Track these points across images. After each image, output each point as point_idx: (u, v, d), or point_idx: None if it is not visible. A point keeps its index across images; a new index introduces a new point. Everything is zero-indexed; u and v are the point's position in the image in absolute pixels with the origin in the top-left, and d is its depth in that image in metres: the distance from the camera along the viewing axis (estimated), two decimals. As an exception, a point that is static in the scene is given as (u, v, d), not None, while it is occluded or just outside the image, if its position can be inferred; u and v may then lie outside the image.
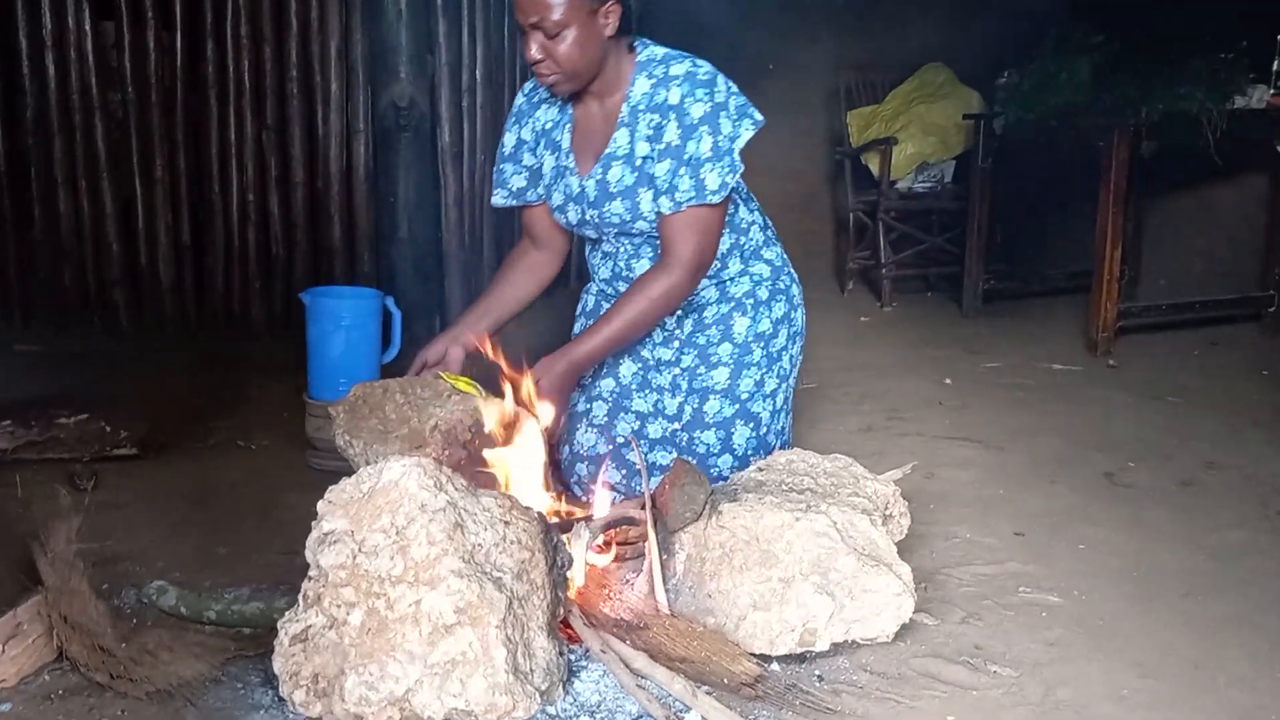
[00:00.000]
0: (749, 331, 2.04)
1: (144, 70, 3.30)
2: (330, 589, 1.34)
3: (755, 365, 2.04)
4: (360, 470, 1.45)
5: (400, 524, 1.37)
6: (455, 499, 1.41)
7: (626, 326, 1.87)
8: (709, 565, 1.65)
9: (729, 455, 2.02)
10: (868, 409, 2.90)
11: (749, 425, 2.02)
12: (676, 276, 1.88)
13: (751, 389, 2.03)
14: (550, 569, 1.45)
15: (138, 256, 3.40)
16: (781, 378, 2.08)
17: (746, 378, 2.03)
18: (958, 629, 1.72)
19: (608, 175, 1.92)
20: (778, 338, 2.07)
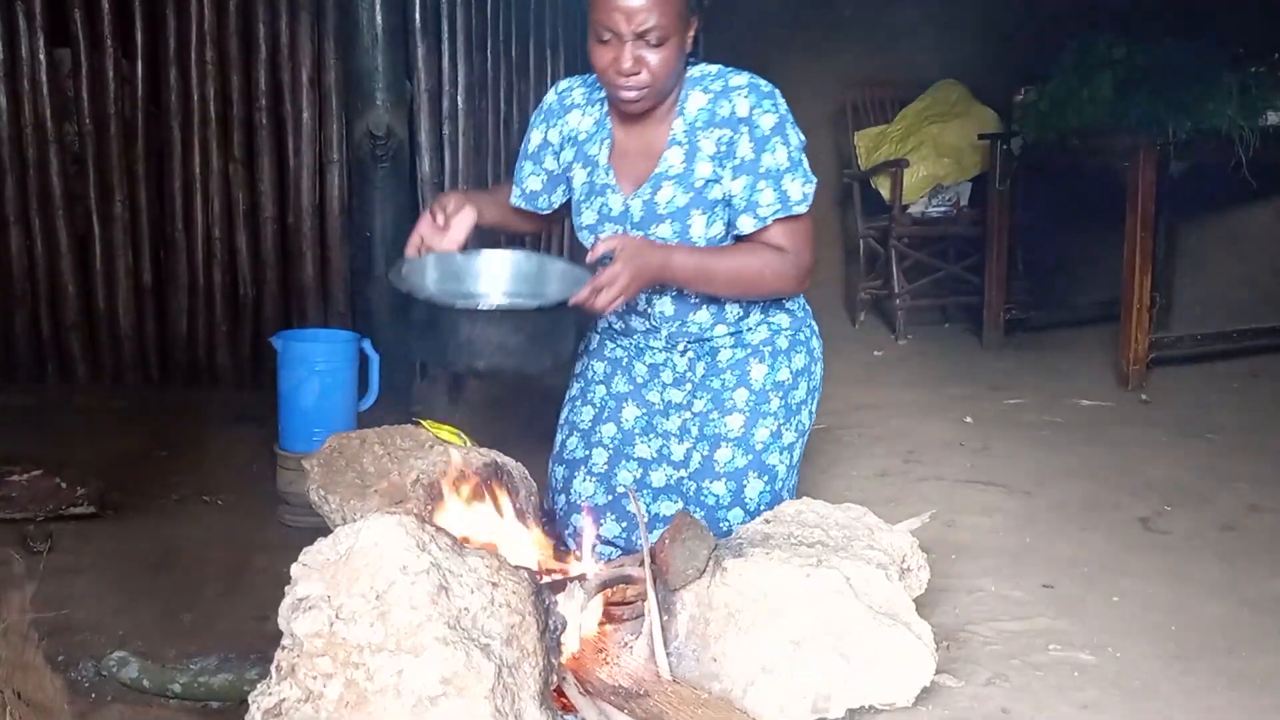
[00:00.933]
0: (767, 379, 2.06)
1: (102, 100, 3.34)
2: (305, 659, 1.35)
3: (772, 415, 2.05)
4: (337, 529, 1.46)
5: (380, 588, 1.38)
6: (439, 559, 1.42)
7: (728, 270, 1.88)
8: (713, 626, 1.66)
9: (740, 509, 2.02)
10: (882, 452, 2.90)
11: (763, 479, 2.03)
12: (791, 266, 1.90)
13: (768, 440, 2.05)
14: (542, 633, 1.45)
15: (95, 299, 3.41)
16: (799, 433, 2.09)
17: (762, 427, 2.04)
18: (983, 691, 1.72)
19: (656, 196, 1.93)
20: (797, 389, 2.08)
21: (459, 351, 1.69)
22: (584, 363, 2.18)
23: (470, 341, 1.68)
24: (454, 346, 1.68)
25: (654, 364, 2.12)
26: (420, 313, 1.71)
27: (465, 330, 1.67)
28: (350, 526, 1.45)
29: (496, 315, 1.70)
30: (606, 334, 2.15)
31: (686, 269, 1.85)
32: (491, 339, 1.67)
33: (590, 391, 2.14)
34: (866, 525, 1.82)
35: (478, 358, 1.68)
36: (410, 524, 1.43)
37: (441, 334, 1.68)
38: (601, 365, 2.16)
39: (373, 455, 1.89)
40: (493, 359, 1.68)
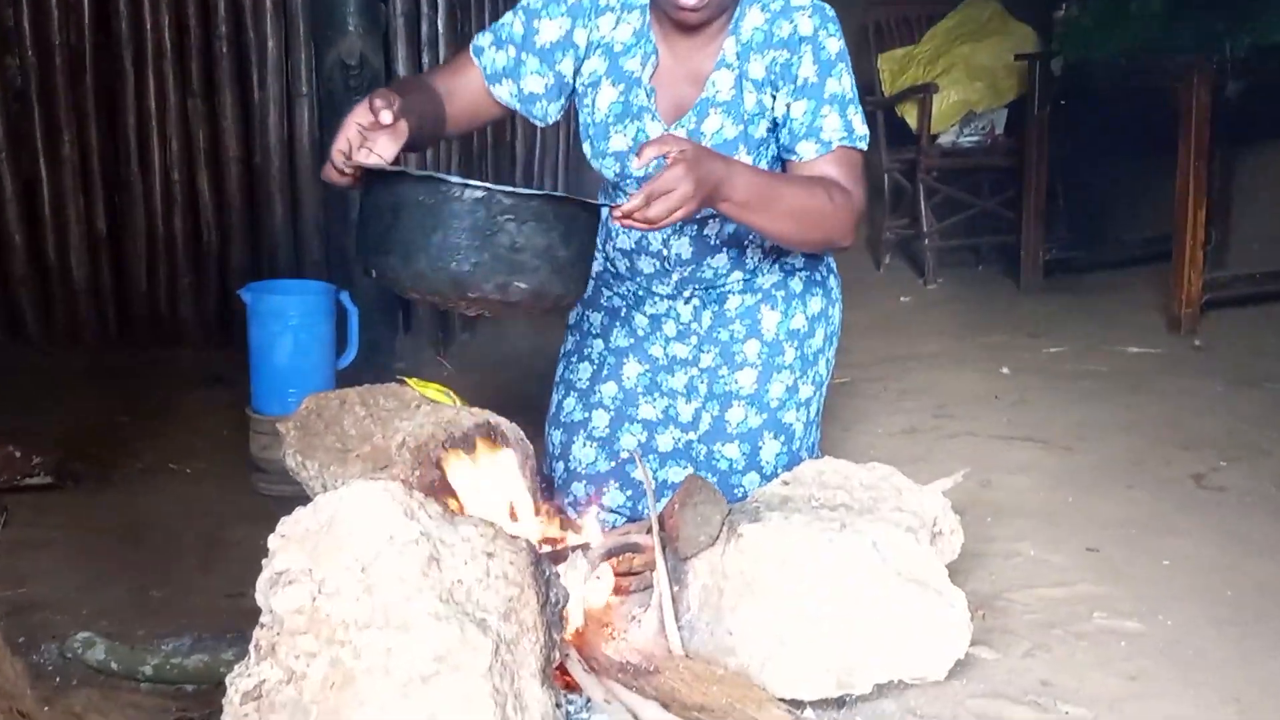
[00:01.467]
0: (780, 328, 2.05)
1: (46, 31, 3.30)
2: (286, 637, 1.35)
3: (788, 368, 2.05)
4: (316, 497, 1.46)
5: (366, 559, 1.38)
6: (429, 528, 1.43)
7: (792, 201, 1.77)
8: (728, 597, 1.67)
9: (755, 473, 2.03)
10: (910, 407, 2.91)
11: (779, 439, 2.03)
12: (852, 211, 1.81)
13: (783, 396, 2.04)
14: (543, 607, 1.46)
15: (44, 250, 3.40)
16: (817, 385, 2.09)
17: (777, 382, 2.04)
18: (1022, 663, 1.73)
19: (703, 125, 1.89)
20: (813, 338, 2.08)
21: (447, 257, 1.49)
22: (579, 313, 2.16)
23: (469, 241, 1.48)
24: (442, 249, 1.48)
25: (655, 314, 2.11)
26: (387, 202, 1.51)
27: (465, 220, 1.48)
28: (331, 494, 1.45)
29: (519, 202, 1.48)
30: (603, 279, 2.13)
31: (749, 190, 1.70)
32: (502, 240, 1.48)
33: (587, 346, 2.13)
34: (894, 486, 1.82)
35: (479, 268, 1.49)
36: (397, 490, 1.43)
37: (423, 231, 1.48)
38: (599, 316, 2.14)
39: (354, 417, 1.89)
40: (499, 271, 1.49)
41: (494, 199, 1.47)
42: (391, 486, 1.43)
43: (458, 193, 1.47)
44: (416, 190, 1.49)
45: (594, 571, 1.72)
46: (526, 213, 1.49)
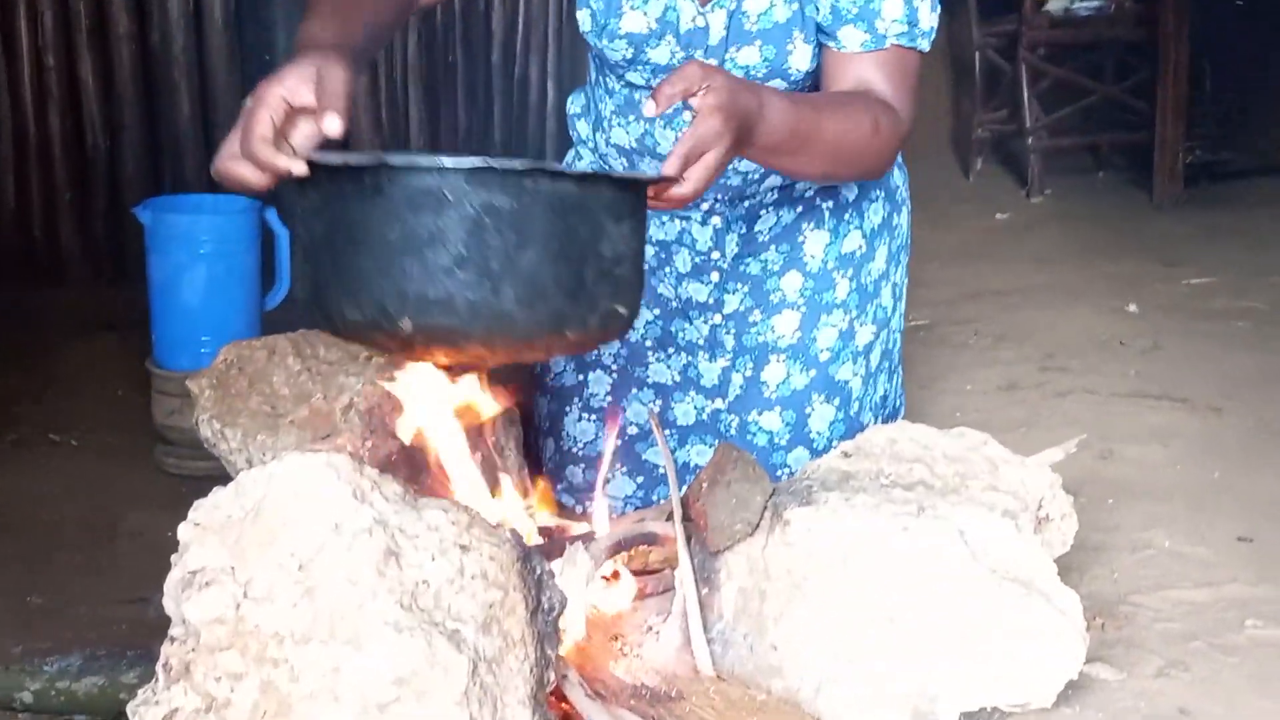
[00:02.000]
0: (828, 253, 2.06)
1: None
2: (204, 655, 1.36)
3: (840, 306, 2.06)
4: (240, 475, 1.46)
5: (304, 555, 1.39)
6: (386, 514, 1.43)
7: (832, 134, 1.76)
8: (772, 602, 1.68)
9: (803, 448, 2.05)
10: (1009, 357, 2.91)
11: (833, 401, 2.05)
12: (897, 135, 1.82)
13: (835, 345, 2.05)
14: (533, 615, 1.47)
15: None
16: (881, 323, 2.10)
17: (827, 327, 2.05)
18: (1153, 685, 1.74)
19: (744, 6, 1.91)
20: (873, 261, 2.08)
21: (416, 272, 1.40)
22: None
23: (448, 240, 1.39)
24: (409, 263, 1.41)
25: (664, 240, 2.11)
26: (333, 198, 1.44)
27: (446, 214, 1.39)
28: (259, 471, 1.45)
29: (526, 180, 1.39)
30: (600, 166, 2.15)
31: (781, 130, 1.69)
32: (492, 241, 1.38)
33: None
34: (988, 458, 1.82)
35: (462, 283, 1.40)
36: (343, 465, 1.44)
37: (385, 242, 1.41)
38: None
39: (286, 372, 1.90)
40: (495, 284, 1.41)
41: (483, 173, 1.40)
42: (337, 460, 1.44)
43: (406, 181, 1.41)
44: (343, 184, 1.43)
45: (599, 569, 1.73)
46: (531, 189, 1.42)
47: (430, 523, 1.46)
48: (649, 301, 2.10)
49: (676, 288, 2.10)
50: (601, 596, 1.76)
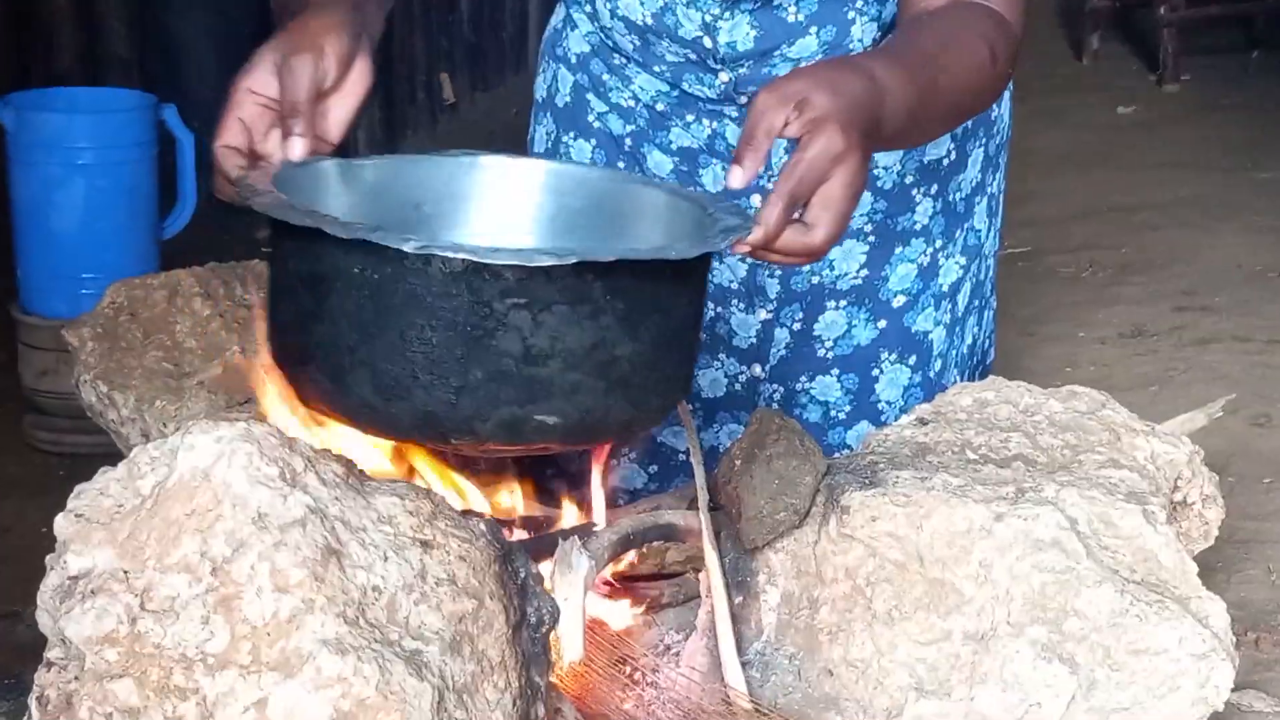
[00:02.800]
0: (906, 163, 2.07)
1: None
2: (90, 684, 1.37)
3: (919, 234, 2.08)
4: (134, 451, 1.46)
5: (219, 554, 1.38)
6: (324, 501, 1.43)
7: (950, 90, 1.75)
8: (826, 613, 1.68)
9: (868, 424, 2.07)
10: (1134, 294, 2.96)
11: (908, 360, 2.08)
12: (1015, 41, 1.82)
13: (912, 285, 2.08)
14: (516, 630, 1.47)
15: None
16: (972, 251, 2.12)
17: (903, 262, 2.07)
18: (1321, 720, 1.74)
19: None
20: (965, 168, 2.10)
21: (406, 377, 1.54)
22: (548, 138, 2.19)
23: (448, 348, 1.52)
24: (396, 360, 1.54)
25: (688, 149, 2.11)
26: (298, 271, 1.58)
27: (435, 311, 1.52)
28: (158, 447, 1.45)
29: (537, 275, 1.49)
30: (591, 73, 2.15)
31: (904, 110, 1.66)
32: (506, 344, 1.51)
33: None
34: (1107, 425, 1.81)
35: (466, 396, 1.54)
36: (269, 438, 1.44)
37: (364, 328, 1.54)
38: (585, 147, 2.17)
39: (193, 318, 1.90)
40: (505, 399, 1.54)
41: (484, 274, 1.49)
42: (260, 432, 1.44)
43: (417, 263, 1.50)
44: (344, 257, 1.53)
45: (602, 572, 1.73)
46: (550, 292, 1.52)
47: (382, 512, 1.46)
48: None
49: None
50: (605, 607, 1.76)
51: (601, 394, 1.56)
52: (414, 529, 1.47)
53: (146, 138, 2.52)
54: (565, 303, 1.52)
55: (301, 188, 1.68)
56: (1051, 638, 1.62)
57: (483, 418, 1.54)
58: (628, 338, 1.55)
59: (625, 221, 1.78)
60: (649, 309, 1.57)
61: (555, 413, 1.55)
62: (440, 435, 1.57)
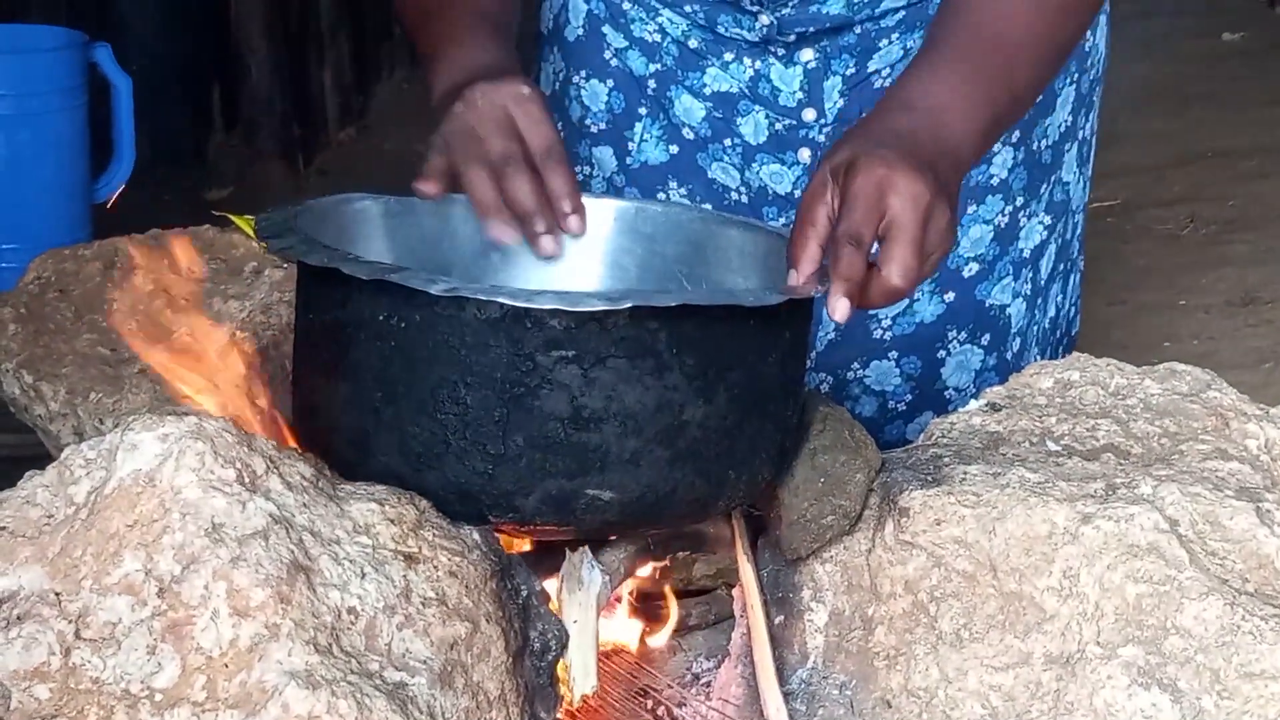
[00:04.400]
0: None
1: None
2: (18, 725, 1.37)
3: (997, 190, 2.09)
4: (65, 454, 1.47)
5: (167, 572, 1.38)
6: (290, 509, 1.44)
7: (1029, 65, 1.81)
8: (883, 634, 1.68)
9: (932, 415, 2.03)
10: (1243, 253, 2.97)
11: (980, 339, 2.09)
12: None
13: (986, 250, 2.09)
14: (517, 659, 1.47)
15: None
16: (1058, 209, 2.13)
17: (976, 223, 2.09)
18: None
19: None
20: (1053, 110, 2.11)
21: (435, 442, 1.55)
22: (557, 79, 2.22)
23: (482, 408, 1.53)
24: (421, 424, 1.56)
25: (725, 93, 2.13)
26: (323, 320, 1.62)
27: (468, 364, 1.53)
28: (94, 445, 1.46)
29: (585, 323, 1.51)
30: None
31: (970, 111, 1.73)
32: (551, 404, 1.52)
33: (575, 157, 2.18)
34: (1213, 409, 1.81)
35: (507, 466, 1.55)
36: (224, 435, 1.45)
37: (388, 383, 1.55)
38: (601, 91, 2.19)
39: (133, 295, 1.90)
40: (551, 470, 1.55)
41: (525, 322, 1.51)
42: (214, 428, 1.45)
43: (449, 309, 1.50)
44: (368, 302, 1.54)
45: (619, 589, 1.73)
46: (603, 343, 1.52)
47: (358, 520, 1.47)
48: (697, 189, 2.15)
49: (743, 170, 2.13)
50: (621, 630, 1.77)
51: (666, 465, 1.54)
52: (396, 540, 1.47)
53: (75, 83, 2.51)
54: (622, 356, 1.51)
55: (340, 229, 1.71)
56: (1149, 660, 1.61)
57: (524, 491, 1.54)
58: (699, 398, 1.54)
59: (727, 269, 1.81)
60: (726, 365, 1.56)
61: (611, 487, 1.54)
62: (476, 512, 1.55)
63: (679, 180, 2.14)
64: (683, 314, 1.49)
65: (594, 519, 1.57)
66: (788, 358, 1.61)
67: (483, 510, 1.55)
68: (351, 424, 1.58)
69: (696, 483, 1.58)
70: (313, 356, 1.64)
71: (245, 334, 1.81)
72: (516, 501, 1.54)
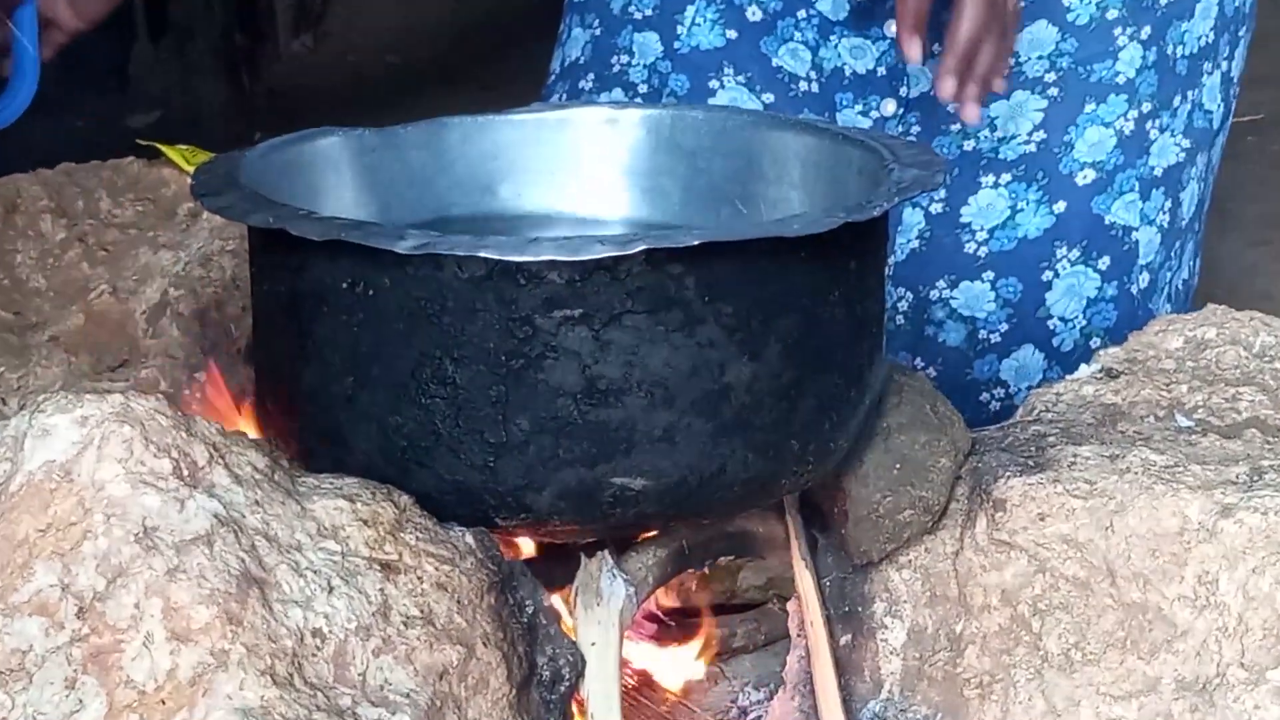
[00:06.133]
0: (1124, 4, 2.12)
1: None
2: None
3: (1120, 91, 2.12)
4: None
5: (89, 587, 1.39)
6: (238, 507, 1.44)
7: None
8: (974, 656, 1.69)
9: (1035, 350, 2.12)
10: None
11: (1095, 262, 2.12)
12: None
13: (1108, 162, 2.12)
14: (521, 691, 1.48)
15: None
16: (1200, 136, 2.17)
17: (1094, 128, 2.11)
18: None
19: None
20: (1189, 20, 2.14)
21: (417, 427, 1.55)
22: None
23: (474, 385, 1.52)
24: (404, 405, 1.55)
25: None
26: (313, 299, 1.59)
27: (458, 329, 1.52)
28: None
29: (593, 268, 1.50)
30: None
31: None
32: (558, 374, 1.51)
33: (613, 63, 2.26)
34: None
35: (510, 453, 1.54)
36: (157, 418, 1.45)
37: (358, 361, 1.55)
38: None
39: (40, 244, 1.92)
40: (563, 455, 1.54)
41: (517, 277, 1.49)
42: (143, 409, 1.45)
43: (424, 269, 1.50)
44: (328, 268, 1.54)
45: (646, 601, 1.74)
46: (616, 296, 1.51)
47: (323, 521, 1.48)
48: (754, 82, 2.18)
49: (816, 50, 2.18)
50: (651, 654, 1.78)
51: (709, 440, 1.53)
52: (370, 545, 1.47)
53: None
54: (641, 310, 1.50)
55: (300, 176, 1.72)
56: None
57: (536, 486, 1.53)
58: (743, 354, 1.53)
59: (788, 183, 1.81)
60: (774, 310, 1.54)
61: (641, 472, 1.53)
62: (480, 514, 1.55)
63: (735, 67, 2.19)
64: (712, 252, 1.48)
65: (625, 513, 1.55)
66: (856, 293, 1.60)
67: (487, 511, 1.54)
68: (320, 416, 1.59)
69: (750, 459, 1.55)
70: (270, 335, 1.63)
71: (180, 292, 1.80)
72: (527, 498, 1.53)
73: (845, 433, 1.63)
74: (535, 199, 1.83)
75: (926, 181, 1.57)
